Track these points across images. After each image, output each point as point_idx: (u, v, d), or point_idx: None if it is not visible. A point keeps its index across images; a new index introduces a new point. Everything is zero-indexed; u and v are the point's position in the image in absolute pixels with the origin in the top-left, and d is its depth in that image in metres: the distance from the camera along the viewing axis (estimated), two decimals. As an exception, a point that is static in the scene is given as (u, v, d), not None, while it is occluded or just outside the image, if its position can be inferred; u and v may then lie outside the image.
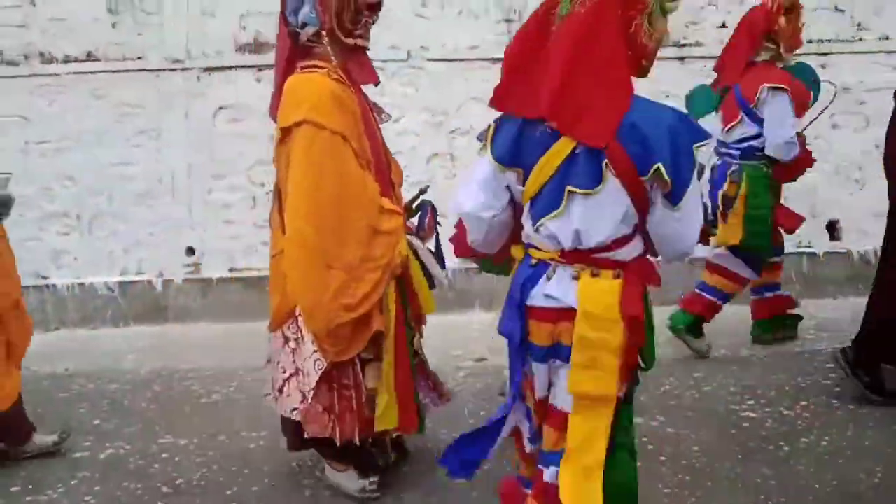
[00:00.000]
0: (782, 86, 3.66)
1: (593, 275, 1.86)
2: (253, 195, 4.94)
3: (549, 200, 1.86)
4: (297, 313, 2.53)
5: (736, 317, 4.13)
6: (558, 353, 1.90)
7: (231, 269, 4.94)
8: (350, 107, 2.50)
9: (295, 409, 2.60)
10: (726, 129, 3.85)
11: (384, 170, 2.65)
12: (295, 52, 2.57)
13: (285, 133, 2.48)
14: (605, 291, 1.84)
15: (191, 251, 4.96)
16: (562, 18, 1.84)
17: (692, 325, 3.93)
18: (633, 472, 1.98)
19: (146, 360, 4.24)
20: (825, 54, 4.96)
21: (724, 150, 3.91)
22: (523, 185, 1.90)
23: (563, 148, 1.82)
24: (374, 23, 2.61)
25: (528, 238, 1.97)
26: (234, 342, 4.43)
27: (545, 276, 1.91)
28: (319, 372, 2.51)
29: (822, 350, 3.93)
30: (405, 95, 4.94)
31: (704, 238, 1.98)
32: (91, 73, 4.87)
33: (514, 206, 2.01)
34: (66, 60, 4.86)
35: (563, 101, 1.80)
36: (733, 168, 3.81)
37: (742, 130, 3.79)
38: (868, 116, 5.00)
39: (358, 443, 2.59)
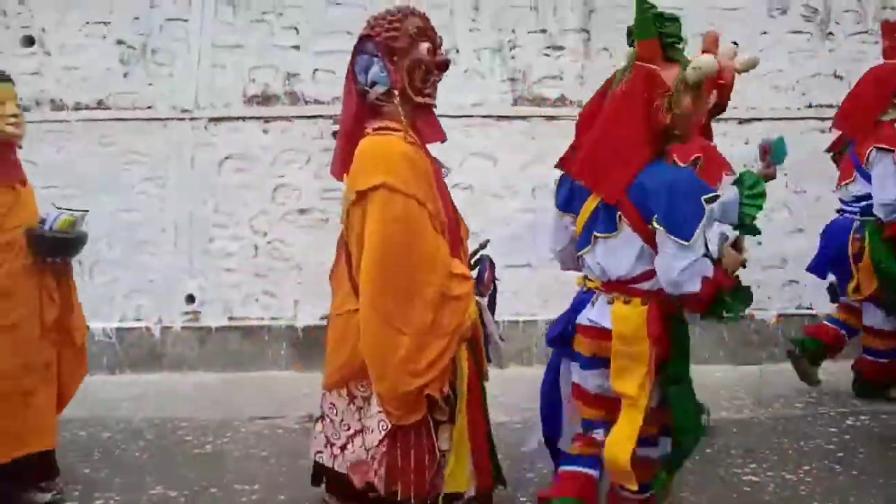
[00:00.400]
0: (889, 147, 3.75)
1: (625, 301, 2.35)
2: (255, 244, 4.96)
3: (584, 240, 2.44)
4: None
5: (737, 377, 4.10)
6: (595, 362, 2.41)
7: (230, 318, 4.93)
8: (423, 168, 2.55)
9: (356, 465, 2.61)
10: (842, 185, 4.00)
11: (454, 228, 2.67)
12: (363, 110, 2.60)
13: (360, 196, 2.50)
14: (634, 315, 2.32)
15: (191, 299, 4.95)
16: (610, 95, 2.37)
17: (815, 351, 4.07)
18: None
19: (140, 408, 4.19)
20: None
21: (843, 205, 4.06)
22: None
23: (593, 201, 2.38)
24: (440, 81, 2.66)
25: (583, 269, 2.52)
26: (230, 392, 4.39)
27: (591, 302, 2.44)
28: (384, 432, 2.53)
29: (823, 414, 3.88)
30: (409, 149, 4.98)
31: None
32: (100, 120, 4.94)
33: None
34: (77, 108, 4.94)
35: (590, 165, 2.35)
36: (856, 225, 3.95)
37: (857, 188, 3.93)
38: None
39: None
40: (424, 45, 2.54)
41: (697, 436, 2.56)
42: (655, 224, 2.22)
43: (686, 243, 2.17)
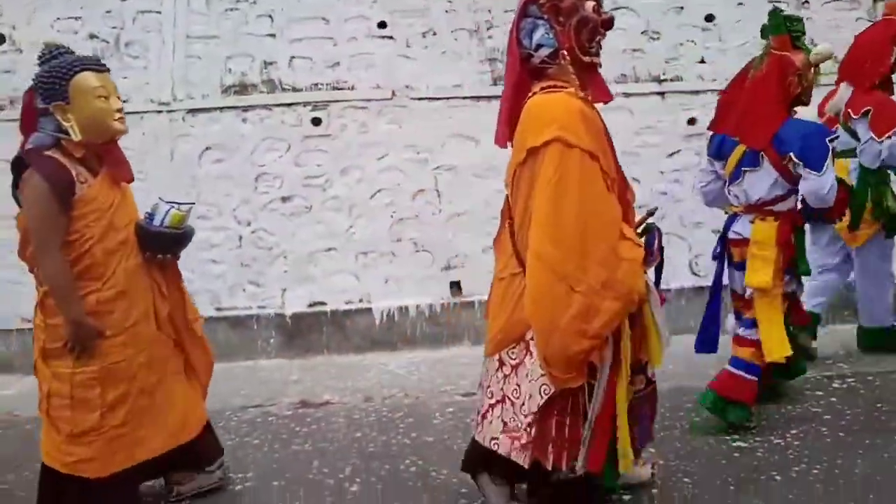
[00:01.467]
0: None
1: (762, 219, 3.34)
2: (239, 234, 4.94)
3: (735, 175, 3.43)
4: (526, 337, 2.48)
5: (722, 345, 4.12)
6: (741, 266, 3.42)
7: (217, 309, 4.91)
8: (597, 124, 2.48)
9: (494, 438, 2.55)
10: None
11: (623, 191, 2.58)
12: (524, 76, 2.54)
13: (532, 153, 2.42)
14: (767, 228, 3.31)
15: (176, 292, 4.93)
16: (751, 77, 3.34)
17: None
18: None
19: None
20: None
21: None
22: (723, 170, 3.52)
23: (740, 149, 3.38)
24: (604, 40, 2.57)
25: (729, 200, 3.54)
26: (220, 382, 4.37)
27: (737, 220, 3.46)
28: (545, 397, 2.44)
29: (810, 378, 3.92)
30: (390, 133, 4.99)
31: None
32: (76, 116, 4.89)
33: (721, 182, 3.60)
34: (52, 104, 4.88)
35: (742, 124, 3.33)
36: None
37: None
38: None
39: (573, 473, 2.50)
40: (590, 4, 2.48)
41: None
42: (794, 158, 3.18)
43: (818, 173, 3.14)
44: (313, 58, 5.00)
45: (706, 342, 3.56)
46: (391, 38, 5.02)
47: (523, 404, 2.49)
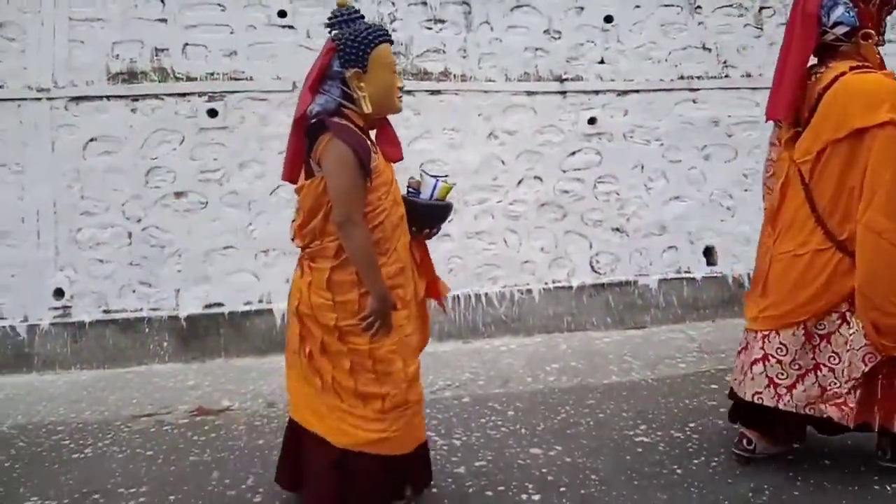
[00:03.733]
0: None
1: None
2: (129, 231, 4.66)
3: None
4: (841, 309, 2.71)
5: (623, 340, 4.23)
6: None
7: (105, 311, 4.62)
8: None
9: (758, 392, 2.84)
10: None
11: None
12: (811, 51, 2.75)
13: (857, 133, 2.60)
14: None
15: (59, 293, 4.61)
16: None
17: None
18: None
19: (8, 413, 3.87)
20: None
21: None
22: None
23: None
24: None
25: None
26: (109, 390, 4.12)
27: None
28: (870, 364, 2.64)
29: (705, 372, 4.07)
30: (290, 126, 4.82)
31: None
32: (-58, 102, 4.49)
33: None
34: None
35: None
36: None
37: None
38: (736, 148, 5.31)
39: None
40: None
41: None
42: None
43: None
44: (208, 46, 4.77)
45: None
46: (292, 27, 4.86)
47: (843, 371, 2.71)
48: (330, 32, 2.51)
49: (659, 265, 5.22)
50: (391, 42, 2.55)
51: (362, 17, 2.53)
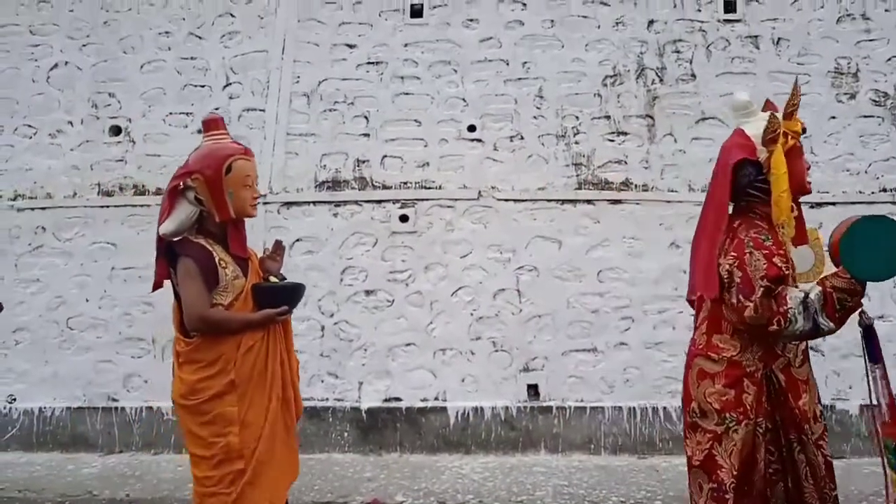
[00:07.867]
0: None
1: None
2: (322, 325, 5.03)
3: None
4: None
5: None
6: None
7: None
8: None
9: None
10: None
11: None
12: None
13: None
14: None
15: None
16: None
17: None
18: None
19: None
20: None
21: None
22: None
23: None
24: None
25: None
26: (293, 474, 4.36)
27: None
28: None
29: None
30: (474, 232, 5.06)
31: None
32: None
33: None
34: (158, 193, 5.18)
35: None
36: None
37: None
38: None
39: None
40: None
41: None
42: None
43: None
44: (404, 157, 5.19)
45: None
46: (480, 140, 5.17)
47: None
48: None
49: (858, 389, 4.78)
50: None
51: None
